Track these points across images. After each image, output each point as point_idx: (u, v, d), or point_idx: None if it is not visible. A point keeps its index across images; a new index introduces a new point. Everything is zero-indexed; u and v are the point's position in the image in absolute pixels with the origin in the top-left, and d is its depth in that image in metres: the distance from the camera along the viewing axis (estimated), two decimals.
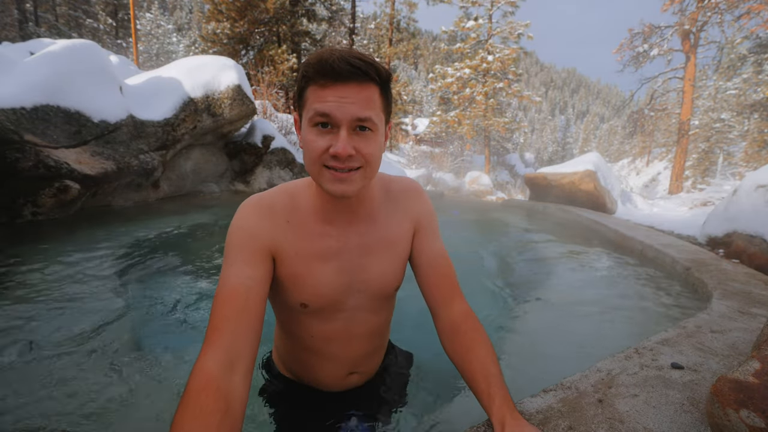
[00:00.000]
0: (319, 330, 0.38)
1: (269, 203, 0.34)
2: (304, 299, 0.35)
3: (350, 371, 0.42)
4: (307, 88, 0.31)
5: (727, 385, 0.38)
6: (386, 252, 0.37)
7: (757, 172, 1.70)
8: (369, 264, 0.37)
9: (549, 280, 1.31)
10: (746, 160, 9.36)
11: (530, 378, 0.72)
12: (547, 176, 2.97)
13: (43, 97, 1.69)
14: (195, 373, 0.26)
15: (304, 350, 0.40)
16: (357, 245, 0.36)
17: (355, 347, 0.40)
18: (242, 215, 0.33)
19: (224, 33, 7.36)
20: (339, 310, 0.37)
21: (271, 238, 0.33)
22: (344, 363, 0.41)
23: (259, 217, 0.33)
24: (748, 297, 0.84)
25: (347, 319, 0.38)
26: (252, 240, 0.32)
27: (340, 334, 0.38)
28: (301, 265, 0.34)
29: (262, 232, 0.33)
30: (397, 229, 0.38)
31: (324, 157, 0.30)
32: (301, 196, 0.36)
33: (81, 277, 1.13)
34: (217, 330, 0.28)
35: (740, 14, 6.43)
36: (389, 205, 0.38)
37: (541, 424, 0.39)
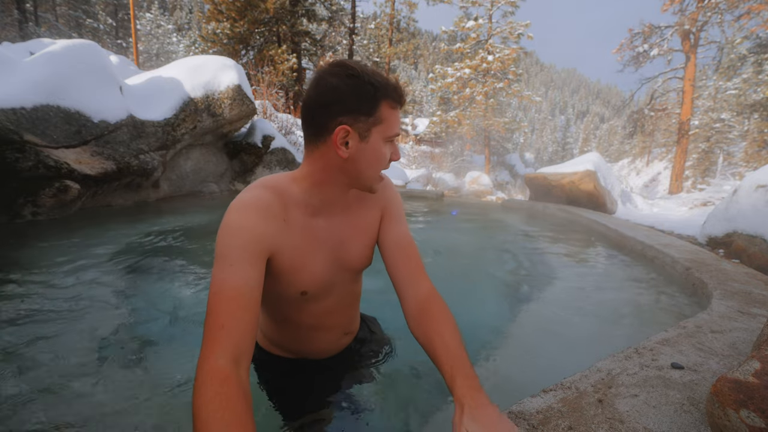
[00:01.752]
0: (318, 309, 0.42)
1: (266, 204, 0.35)
2: (305, 287, 0.39)
3: (344, 333, 0.48)
4: (381, 107, 0.35)
5: (727, 385, 0.38)
6: (361, 236, 0.42)
7: (757, 172, 1.71)
8: (349, 248, 0.42)
9: (549, 280, 1.31)
10: (746, 160, 9.36)
11: (530, 378, 0.72)
12: (547, 176, 2.96)
13: (43, 97, 1.69)
14: (210, 370, 0.27)
15: (303, 329, 0.44)
16: (339, 233, 0.40)
17: (345, 314, 0.47)
18: (242, 216, 0.34)
19: (224, 33, 7.36)
20: (331, 289, 0.42)
21: (271, 239, 0.35)
22: (339, 329, 0.47)
23: (259, 218, 0.34)
24: (749, 297, 0.83)
25: (337, 294, 0.43)
26: (254, 242, 0.33)
27: (335, 307, 0.44)
28: (299, 257, 0.37)
29: (264, 234, 0.34)
30: (368, 215, 0.43)
31: (386, 164, 0.38)
32: (288, 192, 0.37)
33: (81, 277, 1.13)
34: (223, 328, 0.29)
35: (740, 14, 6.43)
36: (360, 194, 0.42)
37: (541, 425, 0.39)
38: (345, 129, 0.34)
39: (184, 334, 0.86)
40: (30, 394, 0.63)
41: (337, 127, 0.34)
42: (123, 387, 0.67)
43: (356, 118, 0.34)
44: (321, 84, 0.34)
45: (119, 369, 0.72)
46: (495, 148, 10.81)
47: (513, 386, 0.70)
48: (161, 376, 0.71)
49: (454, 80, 8.16)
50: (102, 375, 0.70)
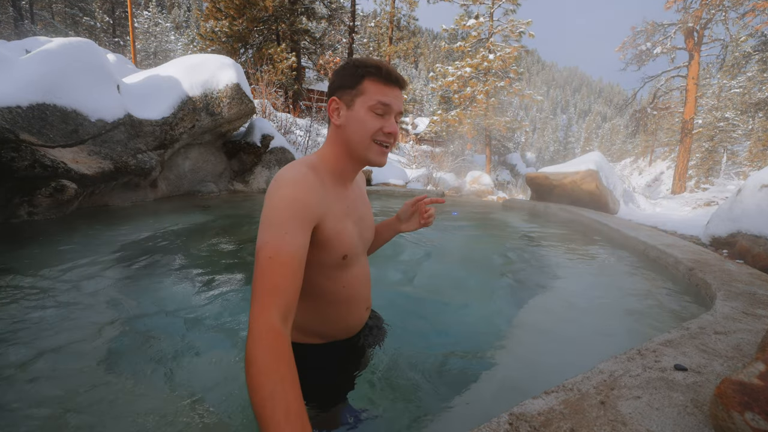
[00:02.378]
0: (349, 278, 0.47)
1: (311, 178, 0.40)
2: (345, 250, 0.44)
3: (367, 306, 0.52)
4: (364, 82, 0.42)
5: (731, 387, 0.38)
6: (367, 207, 0.52)
7: (762, 172, 1.69)
8: (366, 218, 0.51)
9: (550, 280, 1.30)
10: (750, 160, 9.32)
11: (531, 379, 0.71)
12: (549, 176, 2.93)
13: (39, 95, 1.68)
14: (265, 324, 0.31)
15: (337, 304, 0.47)
16: (357, 202, 0.49)
17: (367, 284, 0.52)
18: (293, 189, 0.38)
19: (223, 31, 7.34)
20: (359, 257, 0.49)
21: (318, 208, 0.39)
22: (365, 299, 0.51)
23: (308, 190, 0.39)
24: (753, 298, 0.82)
25: (363, 263, 0.50)
26: (305, 210, 0.37)
27: (361, 278, 0.49)
28: (339, 223, 0.43)
29: (312, 205, 0.38)
30: (368, 198, 0.54)
31: (377, 133, 0.42)
32: (319, 168, 0.44)
33: (78, 278, 1.12)
34: (278, 290, 0.33)
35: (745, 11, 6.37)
36: (360, 181, 0.53)
37: (542, 426, 0.39)
38: (334, 100, 0.43)
39: (183, 334, 0.85)
40: (28, 394, 0.62)
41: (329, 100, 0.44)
42: (122, 387, 0.66)
43: (343, 92, 0.42)
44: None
45: (117, 369, 0.72)
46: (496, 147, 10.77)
47: (514, 387, 0.69)
48: (161, 375, 0.70)
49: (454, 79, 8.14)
50: (100, 375, 0.69)
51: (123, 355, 0.76)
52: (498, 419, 0.41)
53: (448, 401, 0.65)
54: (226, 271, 1.24)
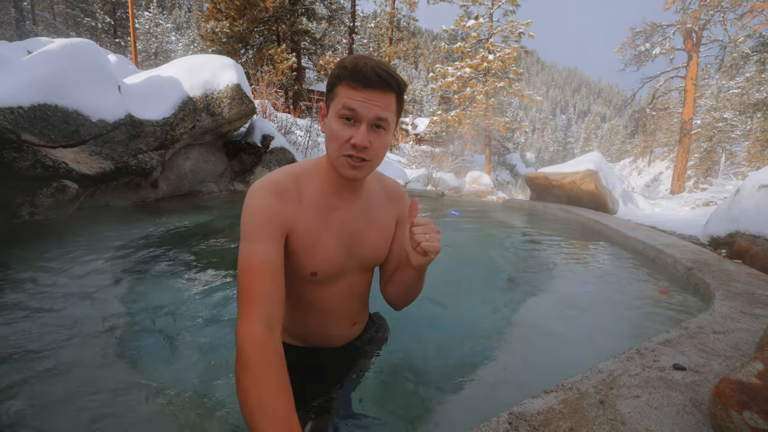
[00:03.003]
0: (328, 293, 0.44)
1: (282, 188, 0.39)
2: (314, 268, 0.41)
3: (353, 322, 0.50)
4: (339, 85, 0.38)
5: (729, 386, 0.38)
6: (376, 229, 0.46)
7: (760, 172, 1.69)
8: (364, 236, 0.45)
9: (550, 280, 1.30)
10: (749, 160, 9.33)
11: (531, 378, 0.71)
12: (548, 176, 2.94)
13: (40, 96, 1.68)
14: (249, 335, 0.31)
15: (315, 312, 0.46)
16: (356, 219, 0.44)
17: (355, 302, 0.48)
18: (259, 198, 0.38)
19: (223, 32, 7.33)
20: (343, 274, 0.45)
21: (286, 218, 0.39)
22: (349, 316, 0.48)
23: (273, 199, 0.38)
24: (751, 298, 0.83)
25: (348, 280, 0.46)
26: (272, 219, 0.38)
27: (344, 294, 0.46)
28: (312, 238, 0.40)
29: (279, 213, 0.38)
30: (386, 216, 0.47)
31: (345, 146, 0.37)
32: (309, 176, 0.42)
33: (79, 278, 1.12)
34: (256, 299, 0.33)
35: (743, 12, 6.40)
36: (382, 195, 0.48)
37: (542, 426, 0.39)
38: (321, 105, 0.41)
39: (184, 334, 0.86)
40: (28, 394, 0.62)
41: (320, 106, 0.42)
42: (122, 387, 0.66)
43: (327, 98, 0.40)
44: None
45: (118, 369, 0.72)
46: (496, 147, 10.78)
47: (513, 387, 0.69)
48: (161, 375, 0.71)
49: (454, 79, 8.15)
50: (101, 375, 0.69)
51: (123, 355, 0.76)
52: (498, 418, 0.41)
53: (448, 401, 0.65)
54: (227, 271, 1.24)
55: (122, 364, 0.74)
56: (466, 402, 0.65)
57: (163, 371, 0.72)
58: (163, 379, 0.70)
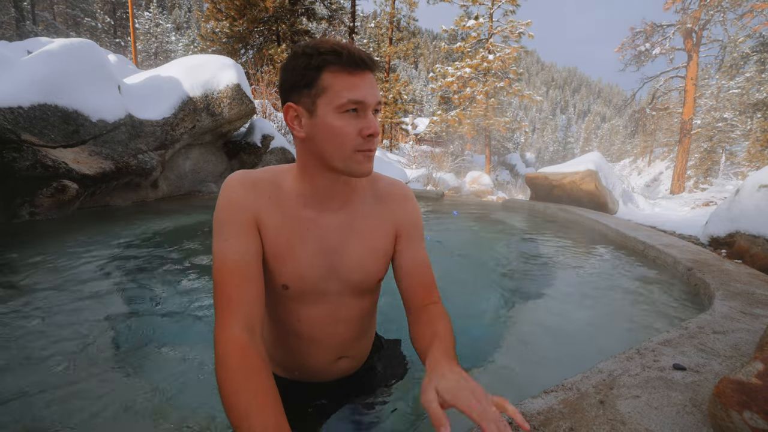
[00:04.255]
0: (305, 314, 0.38)
1: (253, 179, 0.35)
2: (285, 280, 0.36)
3: (339, 355, 0.41)
4: (324, 75, 0.31)
5: (729, 386, 0.38)
6: (364, 242, 0.38)
7: (760, 172, 1.68)
8: (348, 251, 0.37)
9: (550, 280, 1.30)
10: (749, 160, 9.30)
11: (531, 379, 0.71)
12: (548, 176, 2.94)
13: (40, 96, 1.68)
14: (228, 340, 0.28)
15: (292, 336, 0.39)
16: (337, 231, 0.37)
17: (342, 331, 0.40)
18: (229, 191, 0.34)
19: (223, 32, 7.35)
20: (322, 295, 0.38)
21: (256, 210, 0.34)
22: (333, 347, 0.41)
23: (244, 190, 0.34)
24: (751, 298, 0.83)
25: (332, 303, 0.38)
26: (241, 212, 0.33)
27: (326, 319, 0.39)
28: (281, 243, 0.35)
29: (248, 205, 0.34)
30: (377, 225, 0.38)
31: (357, 140, 0.31)
32: (283, 179, 0.37)
33: (79, 278, 1.12)
34: (232, 301, 0.30)
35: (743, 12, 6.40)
36: (373, 201, 0.39)
37: (542, 426, 0.39)
38: (289, 107, 0.33)
39: (184, 334, 0.86)
40: (27, 394, 0.62)
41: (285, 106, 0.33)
42: (122, 387, 0.66)
43: (299, 94, 0.32)
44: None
45: (118, 369, 0.72)
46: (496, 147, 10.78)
47: (513, 387, 0.69)
48: (160, 375, 0.71)
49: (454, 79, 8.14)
50: (100, 375, 0.69)
51: (123, 355, 0.77)
52: None
53: None
54: None
55: (122, 363, 0.74)
56: None
57: (163, 371, 0.72)
58: (162, 379, 0.70)
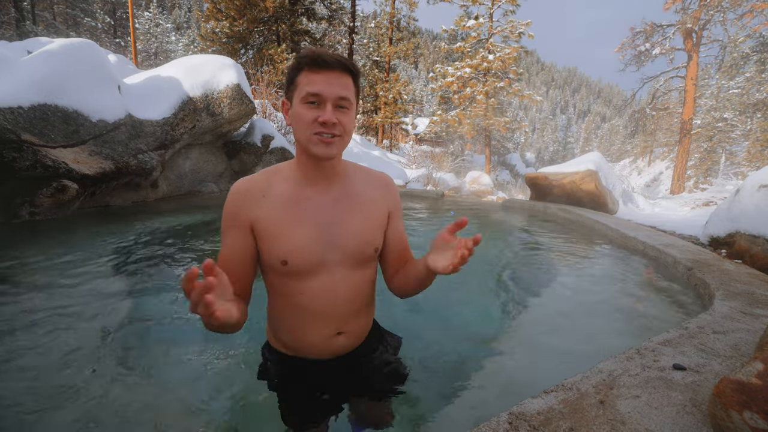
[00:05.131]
0: (306, 287, 0.44)
1: (246, 187, 0.44)
2: (283, 256, 0.42)
3: (337, 330, 0.46)
4: (299, 75, 0.40)
5: (729, 386, 0.38)
6: (359, 215, 0.45)
7: (760, 172, 1.68)
8: (343, 222, 0.44)
9: (549, 280, 1.31)
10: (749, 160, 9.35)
11: (531, 379, 0.71)
12: (548, 176, 2.94)
13: (40, 96, 1.68)
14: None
15: (294, 311, 0.45)
16: (332, 205, 0.44)
17: (340, 304, 0.45)
18: (228, 200, 0.44)
19: (223, 32, 7.34)
20: (322, 266, 0.43)
21: (249, 212, 0.43)
22: (331, 321, 0.45)
23: (237, 199, 0.43)
24: (751, 298, 0.83)
25: (331, 275, 0.44)
26: (234, 219, 0.43)
27: (325, 292, 0.44)
28: (278, 227, 0.42)
29: (240, 211, 0.43)
30: (372, 202, 0.46)
31: (313, 125, 0.40)
32: (283, 170, 0.45)
33: (79, 278, 1.12)
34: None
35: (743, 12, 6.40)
36: (365, 184, 0.47)
37: (542, 426, 0.39)
38: (283, 101, 0.43)
39: (183, 334, 0.86)
40: (27, 394, 0.62)
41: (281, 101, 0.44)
42: (121, 387, 0.66)
43: (288, 90, 0.42)
44: None
45: (117, 369, 0.72)
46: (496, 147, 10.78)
47: (513, 387, 0.69)
48: (160, 376, 0.71)
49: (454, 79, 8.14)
50: (100, 375, 0.69)
51: (122, 354, 0.76)
52: (498, 419, 0.41)
53: (448, 401, 0.65)
54: None
55: (121, 363, 0.74)
56: (466, 402, 0.65)
57: (164, 371, 0.72)
58: (163, 378, 0.70)
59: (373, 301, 0.50)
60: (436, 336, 0.84)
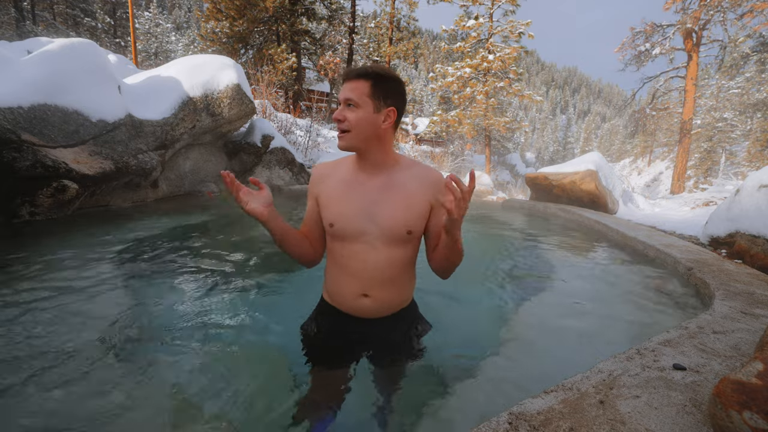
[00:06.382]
0: (345, 248, 0.55)
1: (318, 173, 0.59)
2: (332, 220, 0.55)
3: (363, 292, 0.56)
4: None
5: (729, 386, 0.38)
6: (397, 201, 0.54)
7: (760, 172, 1.68)
8: (381, 204, 0.54)
9: (549, 280, 1.31)
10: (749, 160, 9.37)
11: (531, 379, 0.71)
12: (548, 176, 2.94)
13: (40, 96, 1.68)
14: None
15: (334, 267, 0.57)
16: (375, 189, 0.54)
17: (370, 269, 0.55)
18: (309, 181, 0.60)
19: (223, 32, 7.36)
20: (360, 235, 0.54)
21: (316, 190, 0.58)
22: (359, 281, 0.55)
23: (311, 179, 0.59)
24: (751, 298, 0.83)
25: (366, 244, 0.54)
26: (310, 192, 0.59)
27: (359, 255, 0.54)
28: (332, 198, 0.56)
29: (313, 188, 0.59)
30: (413, 193, 0.55)
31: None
32: (348, 159, 0.58)
33: (79, 278, 1.12)
34: (303, 225, 0.60)
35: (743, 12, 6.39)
36: (409, 177, 0.56)
37: (542, 426, 0.39)
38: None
39: (183, 334, 0.86)
40: (27, 394, 0.62)
41: None
42: (121, 387, 0.66)
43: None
44: None
45: (117, 369, 0.72)
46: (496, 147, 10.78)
47: (513, 387, 0.69)
48: (160, 376, 0.71)
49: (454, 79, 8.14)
50: (100, 375, 0.69)
51: (122, 354, 0.77)
52: (498, 419, 0.41)
53: (448, 401, 0.65)
54: (225, 271, 1.24)
55: (121, 363, 0.74)
56: (466, 402, 0.65)
57: (162, 371, 0.72)
58: (164, 377, 0.70)
59: (407, 280, 0.59)
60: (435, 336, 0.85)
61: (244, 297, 1.05)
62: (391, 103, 0.51)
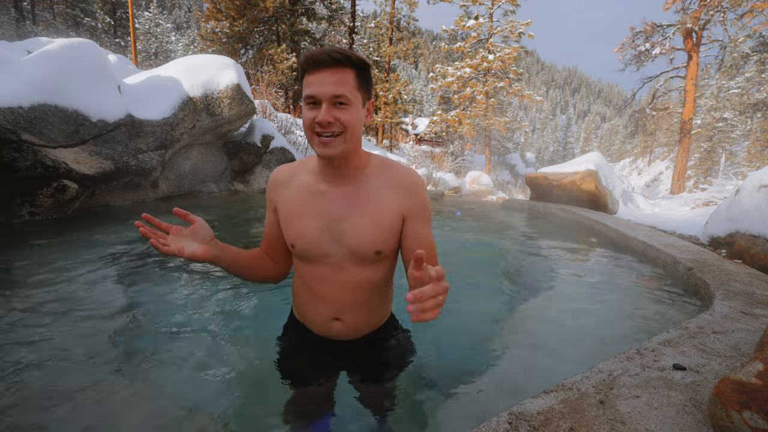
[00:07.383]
0: (311, 272, 0.48)
1: (276, 178, 0.50)
2: (292, 241, 0.47)
3: (334, 316, 0.49)
4: (303, 79, 0.41)
5: (729, 386, 0.38)
6: (364, 216, 0.45)
7: (760, 172, 1.68)
8: (347, 221, 0.45)
9: (549, 280, 1.30)
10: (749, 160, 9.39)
11: (531, 378, 0.71)
12: (548, 176, 2.94)
13: (40, 96, 1.68)
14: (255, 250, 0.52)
15: (301, 287, 0.51)
16: (340, 203, 0.45)
17: (339, 293, 0.48)
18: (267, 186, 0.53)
19: (223, 32, 7.37)
20: (325, 257, 0.47)
21: (274, 198, 0.50)
22: (329, 306, 0.49)
23: (270, 185, 0.51)
24: (751, 298, 0.83)
25: (333, 266, 0.47)
26: (268, 200, 0.51)
27: (325, 279, 0.48)
28: (290, 214, 0.48)
29: (270, 196, 0.51)
30: (381, 204, 0.45)
31: (313, 125, 0.41)
32: (306, 164, 0.49)
33: (78, 278, 1.12)
34: (262, 245, 0.54)
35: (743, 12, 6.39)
36: (381, 183, 0.46)
37: (542, 426, 0.39)
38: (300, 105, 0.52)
39: (182, 334, 0.86)
40: (27, 394, 0.62)
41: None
42: (121, 388, 0.66)
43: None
44: None
45: (116, 370, 0.72)
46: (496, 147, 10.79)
47: (514, 387, 0.69)
48: (159, 376, 0.71)
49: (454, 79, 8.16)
50: (99, 376, 0.69)
51: (121, 354, 0.77)
52: (497, 418, 0.41)
53: (448, 401, 0.65)
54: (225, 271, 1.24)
55: (121, 362, 0.74)
56: (466, 402, 0.65)
57: (161, 370, 0.72)
58: (163, 377, 0.70)
59: (381, 300, 0.50)
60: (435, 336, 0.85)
61: (245, 297, 1.05)
62: (371, 93, 0.43)
